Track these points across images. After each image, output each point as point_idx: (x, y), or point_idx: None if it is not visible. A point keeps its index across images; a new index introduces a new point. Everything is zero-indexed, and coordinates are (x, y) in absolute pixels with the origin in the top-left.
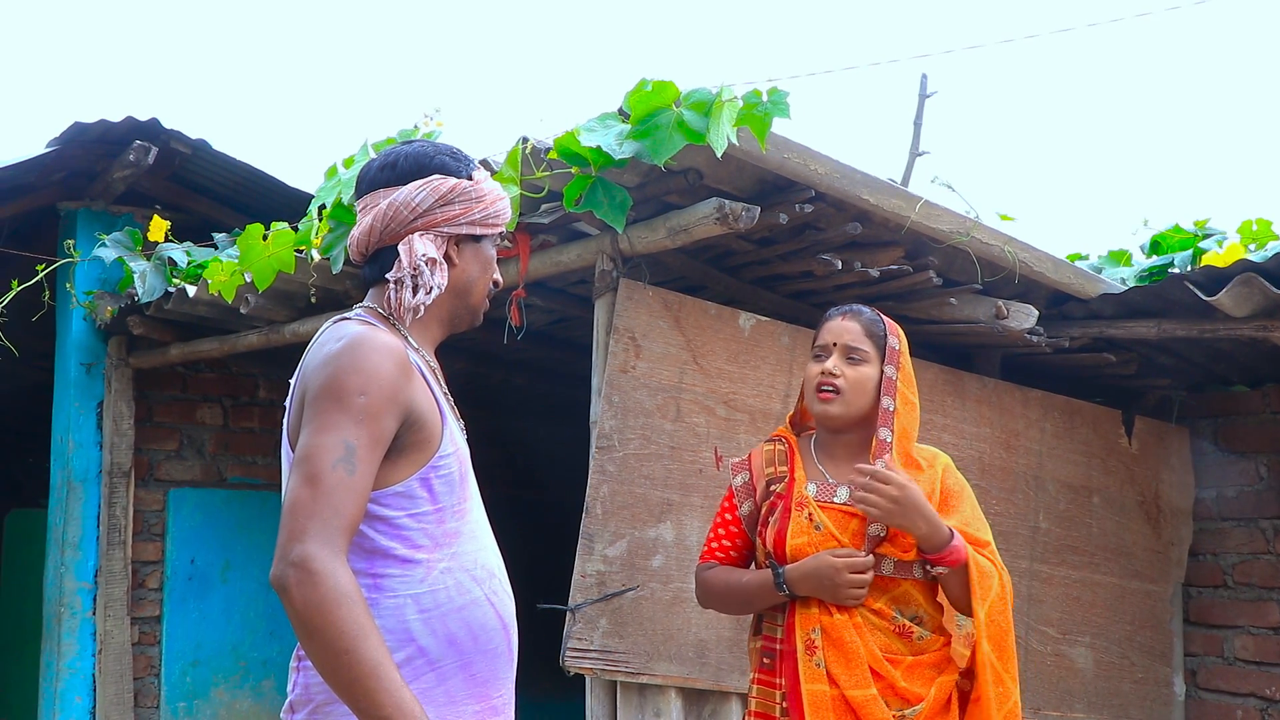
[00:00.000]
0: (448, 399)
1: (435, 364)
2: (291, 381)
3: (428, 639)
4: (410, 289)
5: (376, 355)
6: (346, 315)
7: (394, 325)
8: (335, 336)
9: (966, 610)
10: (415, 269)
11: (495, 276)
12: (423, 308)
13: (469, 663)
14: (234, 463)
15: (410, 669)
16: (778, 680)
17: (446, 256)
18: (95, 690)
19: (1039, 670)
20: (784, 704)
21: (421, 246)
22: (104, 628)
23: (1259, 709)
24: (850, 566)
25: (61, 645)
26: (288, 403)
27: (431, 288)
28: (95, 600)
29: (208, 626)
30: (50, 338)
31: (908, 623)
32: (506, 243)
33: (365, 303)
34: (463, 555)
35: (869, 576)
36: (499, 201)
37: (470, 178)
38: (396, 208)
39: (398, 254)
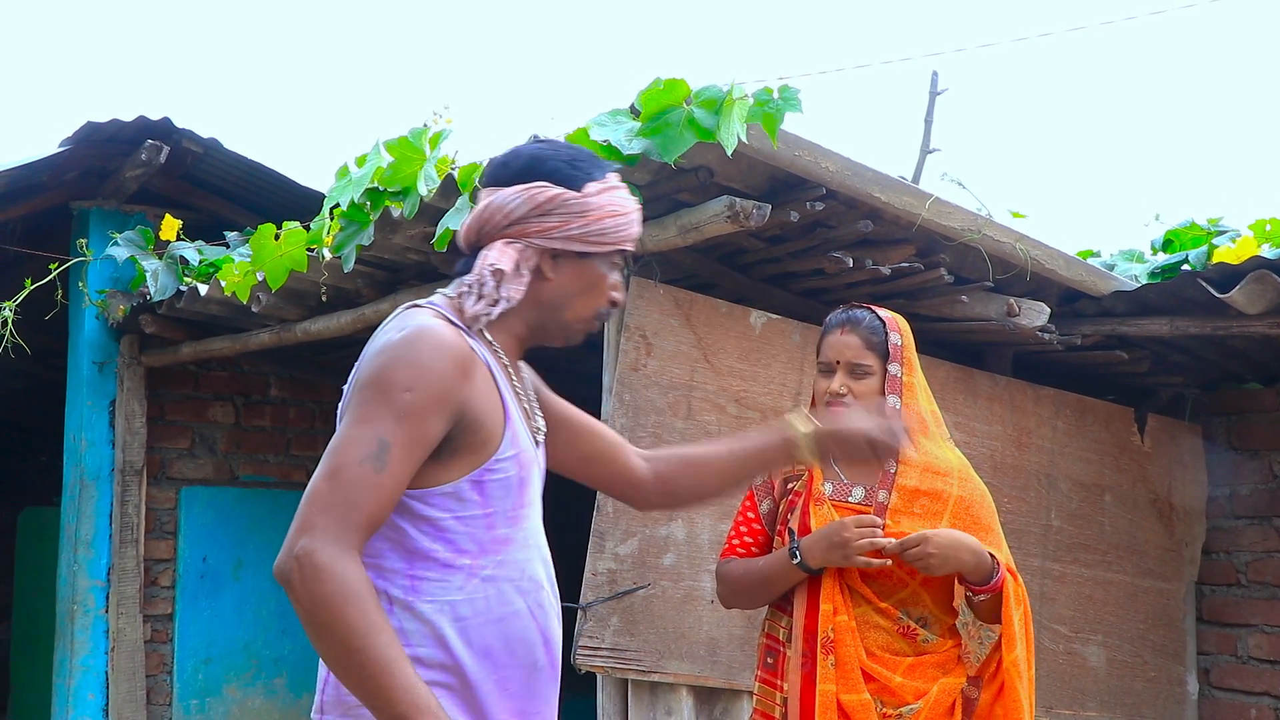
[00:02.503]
0: (521, 400)
1: (512, 363)
2: (356, 365)
3: (462, 648)
4: (474, 297)
5: (431, 351)
6: (419, 303)
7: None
8: (399, 325)
9: (991, 620)
10: (480, 279)
11: (612, 296)
12: (483, 319)
13: (505, 677)
14: (246, 461)
15: (441, 676)
16: (778, 682)
17: (538, 269)
18: (108, 687)
19: (1051, 669)
20: (784, 707)
21: (495, 256)
22: (116, 625)
23: (1273, 708)
24: (858, 523)
25: (74, 643)
26: (346, 388)
27: (497, 300)
28: (108, 598)
29: (220, 624)
30: (63, 336)
31: (913, 624)
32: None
33: (449, 291)
34: (509, 564)
35: (882, 537)
36: (611, 218)
37: (580, 189)
38: (491, 210)
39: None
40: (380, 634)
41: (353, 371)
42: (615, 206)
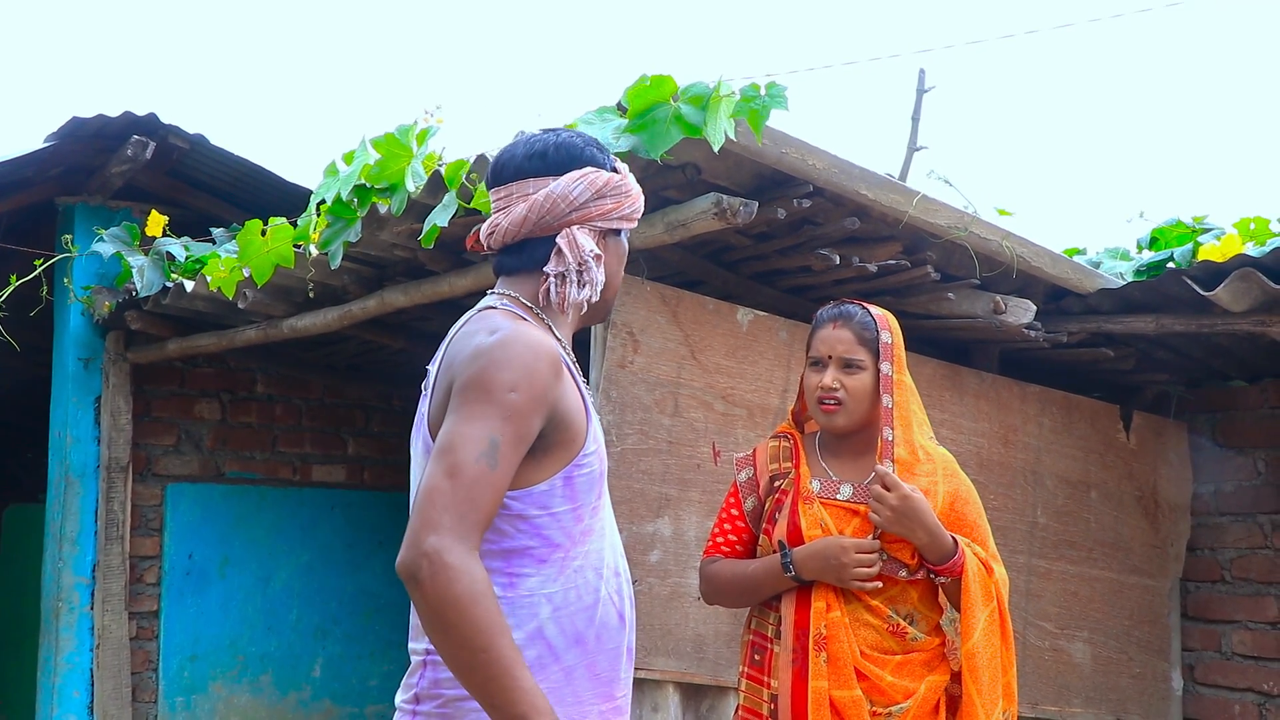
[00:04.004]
0: (590, 393)
1: (572, 356)
2: (430, 368)
3: (557, 637)
4: (576, 284)
5: (530, 353)
6: (492, 305)
7: (539, 317)
8: (487, 329)
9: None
10: (582, 264)
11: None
12: (586, 304)
13: (593, 662)
14: (231, 458)
15: (539, 667)
16: (765, 679)
17: None
18: (93, 685)
19: (1037, 665)
20: (771, 704)
21: (585, 241)
22: (102, 622)
23: (1256, 704)
24: (858, 547)
25: (60, 640)
26: (426, 389)
27: (597, 283)
28: (93, 595)
29: (205, 621)
30: (48, 333)
31: (901, 621)
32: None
33: (504, 290)
34: (593, 553)
35: (876, 558)
36: (639, 195)
37: (615, 170)
38: (554, 200)
39: (554, 246)
40: (504, 635)
41: (432, 378)
42: (637, 185)
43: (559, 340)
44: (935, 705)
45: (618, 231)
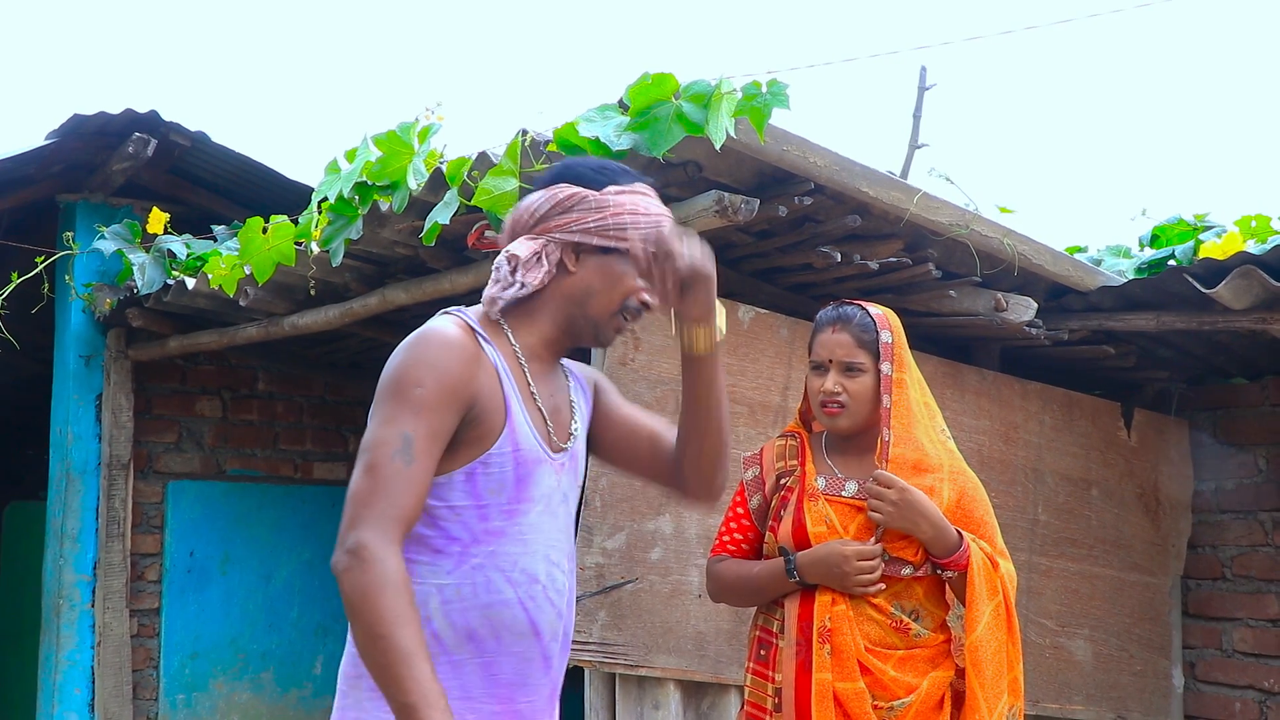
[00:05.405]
0: (536, 401)
1: (532, 366)
2: None
3: (446, 630)
4: (492, 283)
5: (436, 349)
6: (449, 310)
7: (495, 323)
8: (416, 330)
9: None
10: (497, 264)
11: (641, 297)
12: (500, 301)
13: (490, 662)
14: (233, 455)
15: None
16: (770, 673)
17: (561, 264)
18: (94, 682)
19: (1037, 663)
20: (776, 699)
21: (514, 246)
22: (103, 620)
23: (1257, 701)
24: (859, 554)
25: (60, 637)
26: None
27: (510, 284)
28: (94, 592)
29: (206, 619)
30: (49, 330)
31: (905, 618)
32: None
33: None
34: (501, 555)
35: (878, 565)
36: (630, 215)
37: (600, 190)
38: (520, 213)
39: None
40: (406, 626)
41: None
42: (635, 206)
43: (511, 345)
44: (939, 701)
45: (605, 250)
